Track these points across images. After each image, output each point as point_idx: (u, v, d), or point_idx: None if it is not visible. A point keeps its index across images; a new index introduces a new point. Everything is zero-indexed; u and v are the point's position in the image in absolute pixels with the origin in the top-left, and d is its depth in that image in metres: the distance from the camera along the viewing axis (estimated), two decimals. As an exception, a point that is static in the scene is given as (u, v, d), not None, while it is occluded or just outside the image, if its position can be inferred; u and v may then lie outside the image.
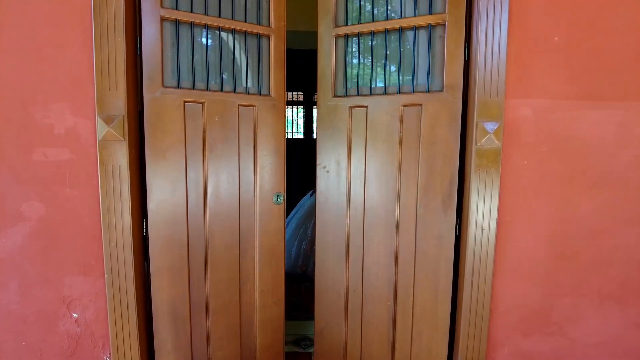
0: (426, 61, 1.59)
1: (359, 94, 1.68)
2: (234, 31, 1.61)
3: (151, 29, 1.46)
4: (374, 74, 1.67)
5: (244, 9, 1.62)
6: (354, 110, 1.67)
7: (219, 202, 1.62)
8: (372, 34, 1.64)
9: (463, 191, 1.59)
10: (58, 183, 1.45)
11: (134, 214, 1.48)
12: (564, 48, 1.46)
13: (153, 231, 1.53)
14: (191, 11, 1.52)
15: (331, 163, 1.73)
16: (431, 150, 1.58)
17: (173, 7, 1.49)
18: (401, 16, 1.61)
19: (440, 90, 1.56)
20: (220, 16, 1.57)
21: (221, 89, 1.61)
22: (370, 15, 1.64)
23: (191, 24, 1.53)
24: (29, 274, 1.49)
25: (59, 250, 1.49)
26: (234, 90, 1.63)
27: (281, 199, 1.73)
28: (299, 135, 6.43)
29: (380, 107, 1.63)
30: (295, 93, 6.20)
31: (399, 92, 1.62)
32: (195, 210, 1.58)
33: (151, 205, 1.52)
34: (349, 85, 1.71)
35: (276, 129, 1.70)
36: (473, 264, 1.55)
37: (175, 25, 1.51)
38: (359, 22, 1.65)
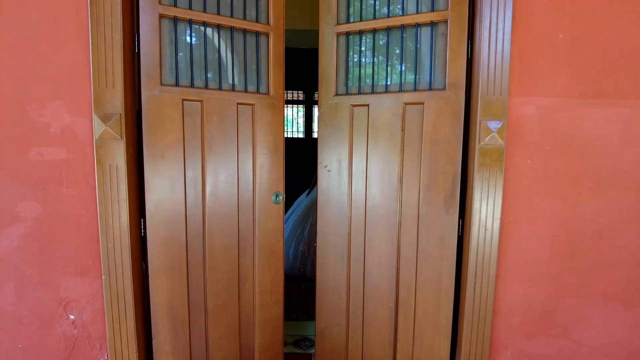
0: (428, 59, 1.56)
1: (360, 93, 1.65)
2: (232, 29, 1.58)
3: (149, 25, 1.43)
4: (375, 72, 1.64)
5: (243, 7, 1.60)
6: (356, 108, 1.64)
7: (217, 202, 1.60)
8: (374, 31, 1.61)
9: (466, 191, 1.57)
10: (54, 183, 1.43)
11: (131, 214, 1.46)
12: (569, 45, 1.44)
13: (151, 231, 1.51)
14: (189, 8, 1.50)
15: (332, 162, 1.71)
16: (433, 149, 1.55)
17: (171, 4, 1.47)
18: (403, 13, 1.58)
19: (443, 89, 1.53)
20: (219, 13, 1.55)
21: (220, 87, 1.59)
22: (372, 12, 1.62)
23: (189, 21, 1.51)
24: (25, 275, 1.47)
25: (56, 251, 1.46)
26: (233, 89, 1.61)
27: (280, 198, 1.71)
28: (299, 135, 6.42)
29: (382, 106, 1.60)
30: (295, 92, 6.18)
31: (400, 91, 1.59)
32: (193, 210, 1.56)
33: (149, 205, 1.50)
34: (350, 84, 1.69)
35: (275, 128, 1.68)
36: (476, 265, 1.53)
37: (174, 23, 1.49)
38: (361, 20, 1.63)
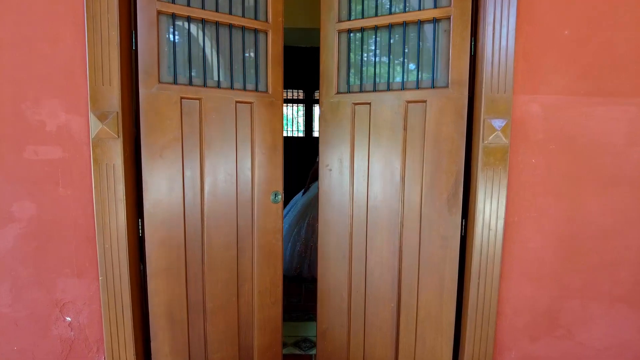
0: (431, 56, 1.54)
1: (362, 91, 1.63)
2: (231, 26, 1.56)
3: (146, 22, 1.41)
4: (377, 70, 1.62)
5: (242, 4, 1.58)
6: (357, 107, 1.62)
7: (216, 201, 1.58)
8: (376, 28, 1.59)
9: (469, 190, 1.54)
10: (50, 182, 1.40)
11: (129, 214, 1.43)
12: (574, 42, 1.41)
13: (149, 232, 1.48)
14: (188, 5, 1.48)
15: (334, 161, 1.68)
16: (436, 148, 1.53)
17: (169, 1, 1.44)
18: (405, 10, 1.56)
19: (446, 86, 1.51)
20: (217, 10, 1.52)
21: (218, 85, 1.56)
22: (374, 9, 1.59)
23: (188, 18, 1.48)
24: (20, 277, 1.44)
25: (52, 251, 1.44)
26: (231, 87, 1.58)
27: (279, 197, 1.69)
28: (299, 134, 6.39)
29: (383, 104, 1.58)
30: (295, 91, 6.15)
31: (403, 88, 1.57)
32: (192, 210, 1.54)
33: (147, 205, 1.47)
34: (351, 82, 1.66)
35: (274, 126, 1.66)
36: (479, 265, 1.50)
37: (172, 19, 1.46)
38: (362, 17, 1.60)
